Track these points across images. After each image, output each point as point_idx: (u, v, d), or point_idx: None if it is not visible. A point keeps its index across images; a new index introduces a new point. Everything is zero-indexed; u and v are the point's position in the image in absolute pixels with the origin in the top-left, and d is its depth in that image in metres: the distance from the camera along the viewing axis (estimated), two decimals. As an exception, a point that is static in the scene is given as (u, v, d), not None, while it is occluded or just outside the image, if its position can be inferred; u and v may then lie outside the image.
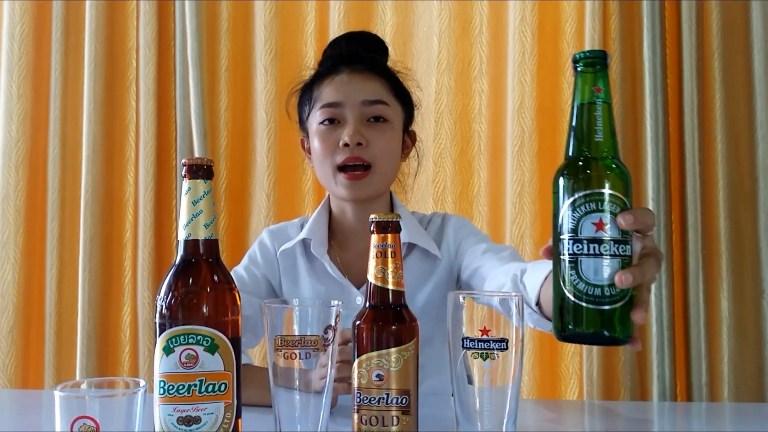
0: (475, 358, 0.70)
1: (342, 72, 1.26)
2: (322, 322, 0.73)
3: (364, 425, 0.70)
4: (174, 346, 0.70)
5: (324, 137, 1.23)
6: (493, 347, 0.69)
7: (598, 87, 0.67)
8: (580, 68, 0.68)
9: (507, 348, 0.69)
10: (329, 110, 1.23)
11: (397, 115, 1.27)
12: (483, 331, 0.70)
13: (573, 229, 0.65)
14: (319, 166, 1.26)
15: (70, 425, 0.72)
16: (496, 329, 0.70)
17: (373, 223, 0.73)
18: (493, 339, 0.69)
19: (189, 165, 0.74)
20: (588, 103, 0.67)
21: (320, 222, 1.31)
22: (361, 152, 1.20)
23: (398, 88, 1.29)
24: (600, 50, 0.68)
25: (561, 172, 0.68)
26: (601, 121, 0.67)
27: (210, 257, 0.74)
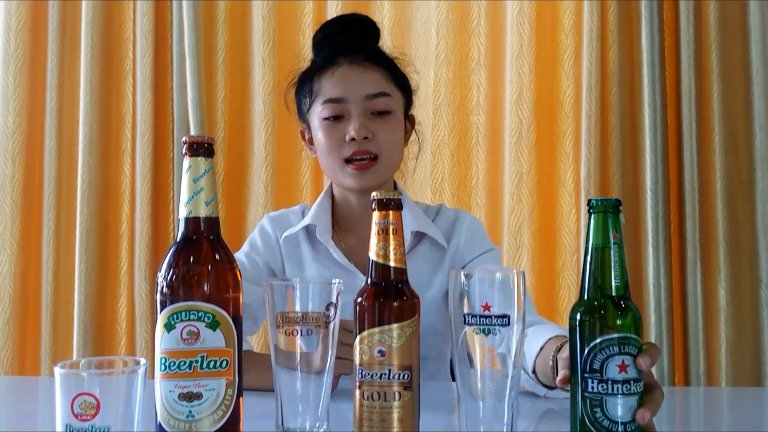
0: (477, 334, 0.70)
1: (341, 64, 1.25)
2: (324, 299, 0.73)
3: (366, 401, 0.70)
4: (175, 323, 0.70)
5: (329, 132, 1.23)
6: (494, 323, 0.69)
7: (614, 233, 0.72)
8: (595, 213, 0.73)
9: (509, 324, 0.69)
10: (332, 106, 1.23)
11: (398, 103, 1.28)
12: (485, 307, 0.69)
13: (597, 369, 0.70)
14: (325, 160, 1.26)
15: (70, 402, 0.71)
16: (498, 305, 0.70)
17: (375, 200, 0.73)
18: (495, 315, 0.69)
19: (190, 143, 0.73)
20: (604, 247, 0.72)
21: (324, 208, 1.31)
22: (367, 145, 1.21)
23: (397, 75, 1.29)
24: (615, 199, 0.73)
25: (581, 313, 0.72)
26: (618, 266, 0.72)
27: (211, 234, 0.74)
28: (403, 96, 1.30)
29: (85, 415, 0.71)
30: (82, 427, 0.71)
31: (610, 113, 1.85)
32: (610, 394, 0.69)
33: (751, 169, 1.81)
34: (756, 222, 1.81)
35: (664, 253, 1.79)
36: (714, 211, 1.81)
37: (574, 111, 1.89)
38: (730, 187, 1.81)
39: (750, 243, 1.81)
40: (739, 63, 1.83)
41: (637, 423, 0.70)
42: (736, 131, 1.82)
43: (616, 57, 1.85)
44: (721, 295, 1.80)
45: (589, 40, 1.84)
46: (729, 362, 1.78)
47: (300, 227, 1.30)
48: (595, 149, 1.83)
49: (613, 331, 0.70)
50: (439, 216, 1.35)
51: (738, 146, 1.82)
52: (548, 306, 1.89)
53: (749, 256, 1.81)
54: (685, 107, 1.82)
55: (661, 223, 1.80)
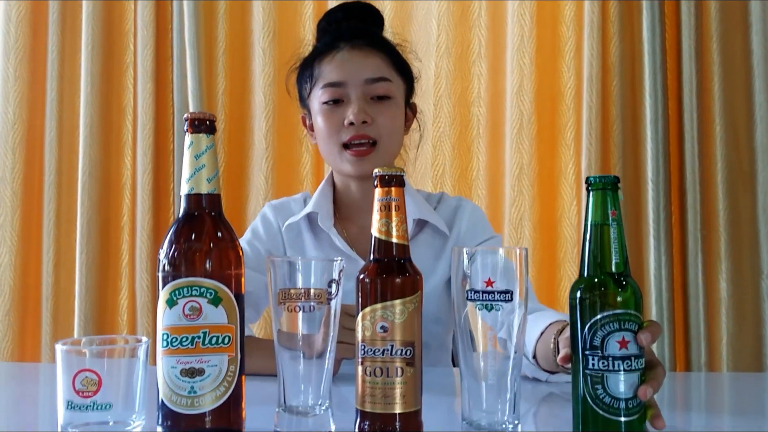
0: (480, 310, 0.69)
1: (342, 48, 1.24)
2: (326, 276, 0.73)
3: (368, 377, 0.70)
4: (177, 299, 0.70)
5: (328, 116, 1.23)
6: (497, 299, 0.69)
7: (613, 210, 0.72)
8: (594, 191, 0.73)
9: (512, 300, 0.69)
10: (332, 90, 1.23)
11: (399, 89, 1.27)
12: (487, 283, 0.69)
13: (598, 346, 0.69)
14: (324, 145, 1.25)
15: (71, 379, 0.71)
16: (501, 281, 0.69)
17: (377, 177, 0.73)
18: (498, 290, 0.69)
19: (191, 119, 0.73)
20: (603, 224, 0.72)
21: (325, 196, 1.31)
22: (366, 130, 1.21)
23: (399, 62, 1.29)
24: (613, 175, 0.73)
25: (581, 290, 0.72)
26: (617, 243, 0.72)
27: (213, 211, 0.74)
28: (404, 83, 1.30)
29: (87, 391, 0.71)
30: (84, 404, 0.71)
31: (611, 105, 1.85)
32: (611, 370, 0.69)
33: (752, 160, 1.81)
34: (757, 213, 1.81)
35: (665, 244, 1.79)
36: (715, 202, 1.81)
37: (575, 102, 1.89)
38: (731, 178, 1.81)
39: (751, 234, 1.81)
40: (740, 54, 1.83)
41: (639, 399, 0.70)
42: (737, 122, 1.82)
43: (617, 48, 1.85)
44: (722, 286, 1.80)
45: (590, 31, 1.84)
46: (730, 353, 1.78)
47: (302, 215, 1.29)
48: (596, 141, 1.83)
49: (613, 308, 0.70)
50: (440, 204, 1.34)
51: (739, 137, 1.82)
52: (549, 297, 1.89)
53: (750, 247, 1.81)
54: (686, 98, 1.82)
55: (662, 214, 1.80)
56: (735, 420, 0.88)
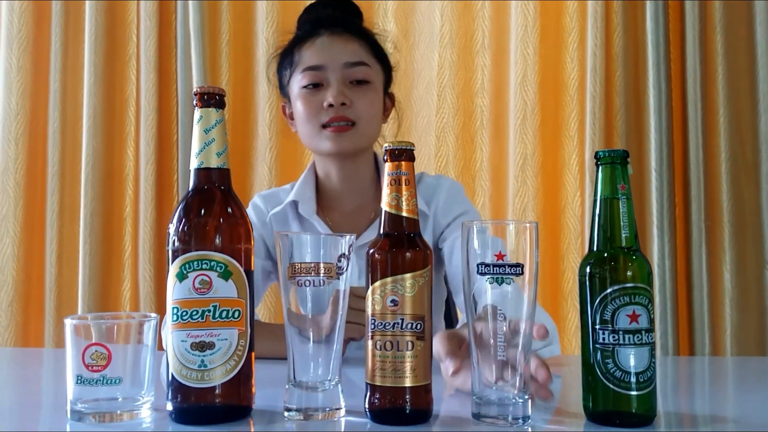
0: (490, 283, 0.69)
1: (322, 35, 1.26)
2: (336, 250, 0.73)
3: (379, 350, 0.69)
4: (188, 272, 0.70)
5: (308, 100, 1.24)
6: (508, 272, 0.69)
7: (622, 185, 0.72)
8: (603, 165, 0.73)
9: (522, 273, 0.69)
10: (312, 73, 1.24)
11: (377, 75, 1.28)
12: (498, 257, 0.69)
13: (608, 320, 0.69)
14: (303, 127, 1.26)
15: (81, 353, 0.71)
16: (511, 255, 0.69)
17: (387, 151, 0.72)
18: (509, 264, 0.69)
19: (200, 93, 0.73)
20: (612, 198, 0.72)
21: (307, 184, 1.32)
22: (345, 111, 1.22)
23: (377, 50, 1.30)
24: (622, 150, 0.72)
25: (591, 265, 0.72)
26: (627, 217, 0.72)
27: (222, 185, 0.74)
28: (383, 70, 1.31)
29: (96, 365, 0.71)
30: (93, 378, 0.71)
31: (615, 95, 1.85)
32: (621, 344, 0.69)
33: (756, 151, 1.81)
34: (761, 203, 1.80)
35: (669, 235, 1.79)
36: (719, 192, 1.81)
37: (578, 93, 1.88)
38: (735, 169, 1.81)
39: (755, 225, 1.81)
40: (744, 44, 1.83)
41: (649, 374, 0.69)
42: (741, 113, 1.82)
43: (621, 38, 1.84)
44: (725, 276, 1.80)
45: (594, 21, 1.84)
46: (733, 343, 1.78)
47: (284, 204, 1.31)
48: (600, 131, 1.83)
49: (624, 282, 0.70)
50: (420, 184, 1.35)
51: (743, 128, 1.82)
52: (552, 289, 1.89)
53: (754, 237, 1.81)
54: (690, 88, 1.82)
55: (665, 204, 1.79)
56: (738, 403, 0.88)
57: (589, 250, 0.73)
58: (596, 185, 0.73)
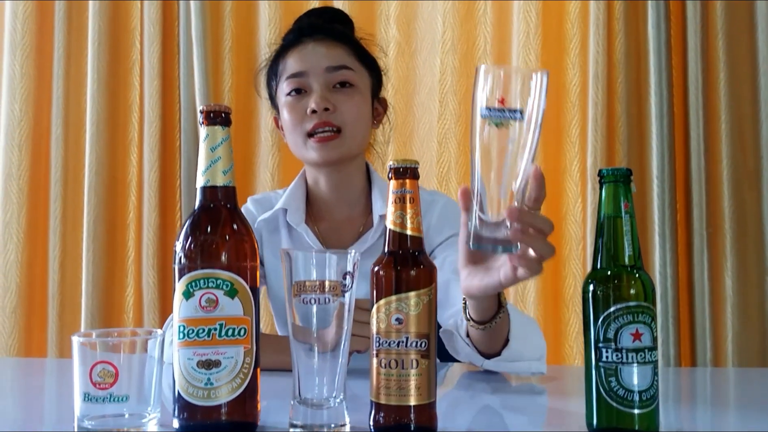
0: (489, 126, 0.71)
1: (305, 42, 1.26)
2: (341, 268, 0.73)
3: (383, 368, 0.70)
4: (194, 290, 0.70)
5: (292, 107, 1.24)
6: (508, 116, 0.70)
7: (626, 203, 0.72)
8: (607, 183, 0.73)
9: (522, 118, 0.70)
10: (294, 80, 1.24)
11: (363, 80, 1.28)
12: (500, 101, 0.70)
13: (611, 338, 0.70)
14: (290, 136, 1.26)
15: (88, 371, 0.72)
16: (514, 100, 0.71)
17: (391, 169, 0.73)
18: (509, 108, 0.70)
19: (207, 111, 0.74)
20: (616, 216, 0.72)
21: (297, 192, 1.32)
22: (329, 117, 1.21)
23: (363, 54, 1.30)
24: (626, 168, 0.73)
25: (594, 283, 0.72)
26: (630, 236, 0.72)
27: (228, 203, 0.74)
28: (370, 75, 1.30)
29: (104, 383, 0.71)
30: (101, 396, 0.71)
31: (617, 102, 1.85)
32: (624, 362, 0.69)
33: (758, 158, 1.81)
34: (763, 211, 1.81)
35: (670, 242, 1.79)
36: (720, 200, 1.81)
37: (580, 99, 1.89)
38: (737, 176, 1.81)
39: (756, 232, 1.81)
40: (746, 51, 1.83)
41: (652, 391, 0.70)
42: (742, 120, 1.82)
43: (623, 45, 1.85)
44: (727, 284, 1.80)
45: (596, 28, 1.84)
46: (735, 351, 1.78)
47: (273, 211, 1.30)
48: (602, 138, 1.83)
49: (627, 300, 0.70)
50: None
51: (745, 135, 1.82)
52: (554, 295, 1.89)
53: (756, 245, 1.81)
54: (691, 95, 1.82)
55: (667, 211, 1.80)
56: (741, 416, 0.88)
57: (593, 268, 0.74)
58: (600, 203, 0.74)
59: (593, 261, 0.74)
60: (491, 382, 1.01)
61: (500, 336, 0.96)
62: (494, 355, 0.98)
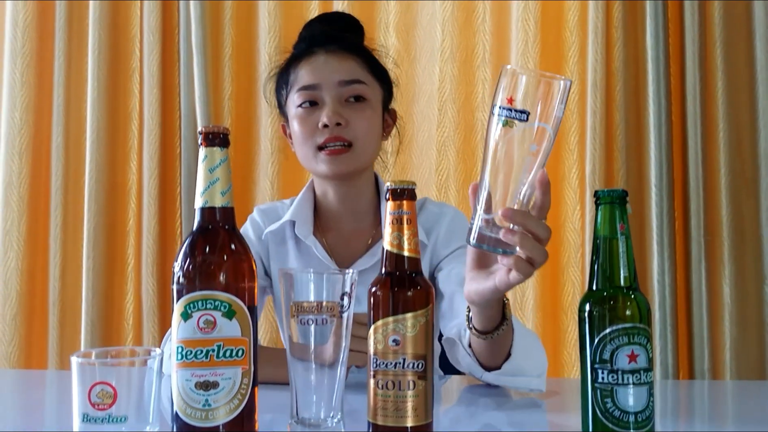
0: (499, 123, 0.74)
1: (317, 53, 1.25)
2: (338, 288, 0.74)
3: (381, 390, 0.71)
4: (192, 312, 0.71)
5: (303, 120, 1.23)
6: (513, 116, 0.72)
7: (621, 224, 0.73)
8: (602, 204, 0.74)
9: (527, 120, 0.72)
10: (307, 93, 1.23)
11: (375, 93, 1.27)
12: (509, 101, 0.72)
13: (607, 360, 0.71)
14: (300, 148, 1.25)
15: (87, 392, 0.72)
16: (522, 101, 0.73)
17: (389, 190, 0.73)
18: (516, 109, 0.72)
19: (205, 133, 0.74)
20: (611, 238, 0.73)
21: (305, 203, 1.31)
22: (341, 132, 1.20)
23: (375, 66, 1.29)
24: (621, 189, 0.74)
25: (590, 304, 0.73)
26: (626, 257, 0.73)
27: (227, 224, 0.75)
28: (381, 87, 1.29)
29: (102, 404, 0.72)
30: (99, 416, 0.72)
31: (615, 110, 1.86)
32: (620, 384, 0.70)
33: (756, 166, 1.82)
34: (760, 218, 1.81)
35: (668, 250, 1.80)
36: (718, 207, 1.82)
37: (579, 107, 1.89)
38: (735, 184, 1.82)
39: (754, 239, 1.82)
40: (744, 60, 1.84)
41: (648, 412, 0.70)
42: (740, 128, 1.83)
43: (621, 53, 1.85)
44: (725, 291, 1.81)
45: (594, 36, 1.85)
46: (733, 359, 1.79)
47: (281, 223, 1.30)
48: (600, 146, 1.84)
49: (623, 321, 0.71)
50: (422, 211, 1.32)
51: (742, 143, 1.83)
52: (553, 302, 1.90)
53: (753, 252, 1.82)
54: (689, 104, 1.83)
55: (665, 219, 1.80)
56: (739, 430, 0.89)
57: (588, 289, 0.74)
58: (595, 224, 0.74)
59: (589, 281, 0.74)
60: (491, 397, 1.01)
61: (502, 349, 0.97)
62: (495, 368, 0.98)
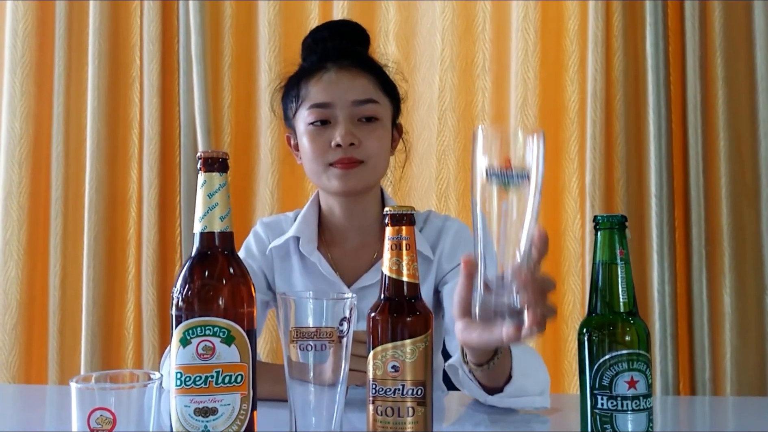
0: (496, 185, 0.70)
1: (329, 69, 1.24)
2: (337, 314, 0.74)
3: (380, 416, 0.71)
4: (191, 338, 0.71)
5: (314, 138, 1.22)
6: (514, 177, 0.70)
7: (621, 250, 0.73)
8: (602, 230, 0.74)
9: (527, 178, 0.70)
10: (319, 111, 1.22)
11: (386, 111, 1.26)
12: (506, 161, 0.70)
13: (607, 386, 0.71)
14: (309, 165, 1.24)
15: (86, 417, 0.72)
16: (518, 161, 0.70)
17: (388, 215, 0.73)
18: (515, 169, 0.70)
19: (204, 158, 0.74)
20: (611, 263, 0.73)
21: (309, 218, 1.30)
22: (353, 152, 1.20)
23: (386, 83, 1.28)
24: (621, 215, 0.74)
25: (589, 329, 0.73)
26: (625, 282, 0.73)
27: (225, 249, 0.75)
28: (391, 104, 1.29)
29: (102, 429, 0.71)
30: (98, 442, 0.72)
31: (615, 119, 1.86)
32: (619, 410, 0.70)
33: (757, 176, 1.82)
34: (761, 228, 1.81)
35: (669, 260, 1.80)
36: (719, 217, 1.81)
37: (578, 116, 1.89)
38: (736, 194, 1.81)
39: (755, 249, 1.82)
40: (744, 69, 1.84)
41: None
42: (741, 137, 1.83)
43: (621, 62, 1.85)
44: (726, 301, 1.81)
45: (594, 45, 1.84)
46: (734, 368, 1.79)
47: (284, 239, 1.29)
48: (600, 155, 1.84)
49: (622, 347, 0.71)
50: (426, 224, 1.32)
51: (743, 152, 1.83)
52: (553, 311, 1.89)
53: (754, 262, 1.81)
54: (690, 113, 1.83)
55: (665, 229, 1.80)
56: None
57: (588, 314, 0.74)
58: (595, 249, 0.74)
59: (588, 306, 0.74)
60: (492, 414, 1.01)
61: (502, 373, 0.96)
62: (498, 390, 0.98)
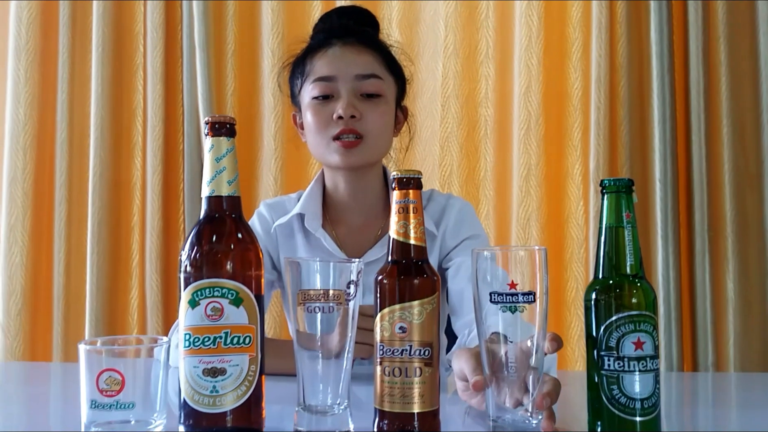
0: (504, 312, 0.70)
1: (334, 45, 1.25)
2: (344, 277, 0.74)
3: (387, 377, 0.71)
4: (199, 299, 0.71)
5: (318, 111, 1.23)
6: (520, 300, 0.70)
7: (627, 213, 0.73)
8: (608, 193, 0.74)
9: (534, 300, 0.70)
10: (323, 84, 1.23)
11: (390, 89, 1.27)
12: (510, 285, 0.70)
13: (613, 347, 0.71)
14: (313, 139, 1.26)
15: (95, 379, 0.72)
16: (522, 283, 0.70)
17: (395, 179, 0.74)
18: (521, 292, 0.70)
19: (212, 122, 0.75)
20: (617, 226, 0.73)
21: (314, 196, 1.31)
22: (354, 124, 1.21)
23: (391, 62, 1.29)
24: (627, 178, 0.74)
25: (596, 292, 0.73)
26: (632, 245, 0.73)
27: (233, 213, 0.75)
28: (396, 83, 1.30)
29: (110, 390, 0.72)
30: (107, 403, 0.72)
31: (619, 105, 1.86)
32: (626, 371, 0.70)
33: (759, 161, 1.82)
34: (764, 213, 1.81)
35: (672, 245, 1.80)
36: (722, 202, 1.82)
37: (582, 103, 1.89)
38: (738, 179, 1.82)
39: (758, 234, 1.82)
40: (748, 55, 1.84)
41: (654, 400, 0.71)
42: (744, 123, 1.83)
43: (625, 49, 1.85)
44: (729, 286, 1.81)
45: (598, 32, 1.85)
46: (737, 353, 1.79)
47: (289, 216, 1.30)
48: (604, 141, 1.84)
49: (629, 309, 0.71)
50: (430, 202, 1.33)
51: (746, 138, 1.83)
52: (556, 298, 1.90)
53: (757, 247, 1.82)
54: (693, 99, 1.83)
55: (669, 214, 1.80)
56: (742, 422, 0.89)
57: (595, 277, 0.74)
58: (601, 213, 0.74)
59: (595, 270, 0.75)
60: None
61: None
62: None
